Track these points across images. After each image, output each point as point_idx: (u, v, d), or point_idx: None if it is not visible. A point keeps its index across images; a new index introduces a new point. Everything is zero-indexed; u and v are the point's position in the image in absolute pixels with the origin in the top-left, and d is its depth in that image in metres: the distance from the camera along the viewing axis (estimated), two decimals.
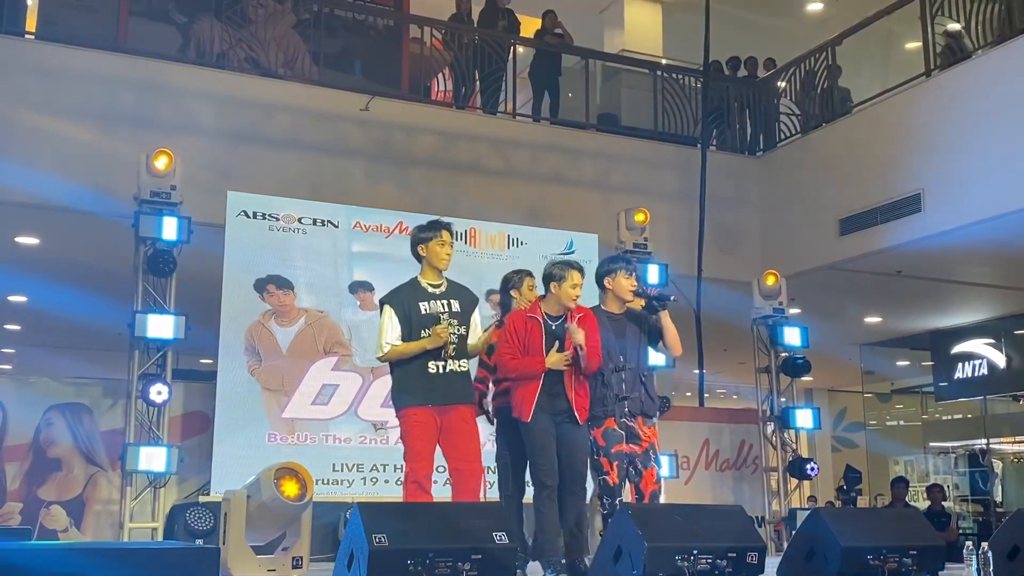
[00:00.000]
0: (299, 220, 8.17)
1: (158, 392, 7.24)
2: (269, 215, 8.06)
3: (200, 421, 8.12)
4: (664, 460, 8.95)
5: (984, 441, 14.17)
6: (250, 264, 7.94)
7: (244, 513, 3.76)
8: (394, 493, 7.89)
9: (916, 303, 11.84)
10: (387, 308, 5.22)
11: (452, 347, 5.07)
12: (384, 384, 8.15)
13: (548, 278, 5.42)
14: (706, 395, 10.66)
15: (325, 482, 7.75)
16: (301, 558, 3.99)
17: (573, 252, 9.08)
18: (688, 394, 14.06)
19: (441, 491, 8.10)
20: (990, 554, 4.84)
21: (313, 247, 8.20)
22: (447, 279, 5.41)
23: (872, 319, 12.75)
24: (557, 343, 5.17)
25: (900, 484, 11.58)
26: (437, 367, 5.05)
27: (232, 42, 9.14)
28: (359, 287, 8.28)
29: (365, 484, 7.97)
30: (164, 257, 7.37)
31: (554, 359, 5.12)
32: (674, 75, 11.24)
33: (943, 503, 11.40)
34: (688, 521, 4.49)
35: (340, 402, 8.03)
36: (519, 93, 10.40)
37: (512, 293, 5.93)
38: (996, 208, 8.40)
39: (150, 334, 7.28)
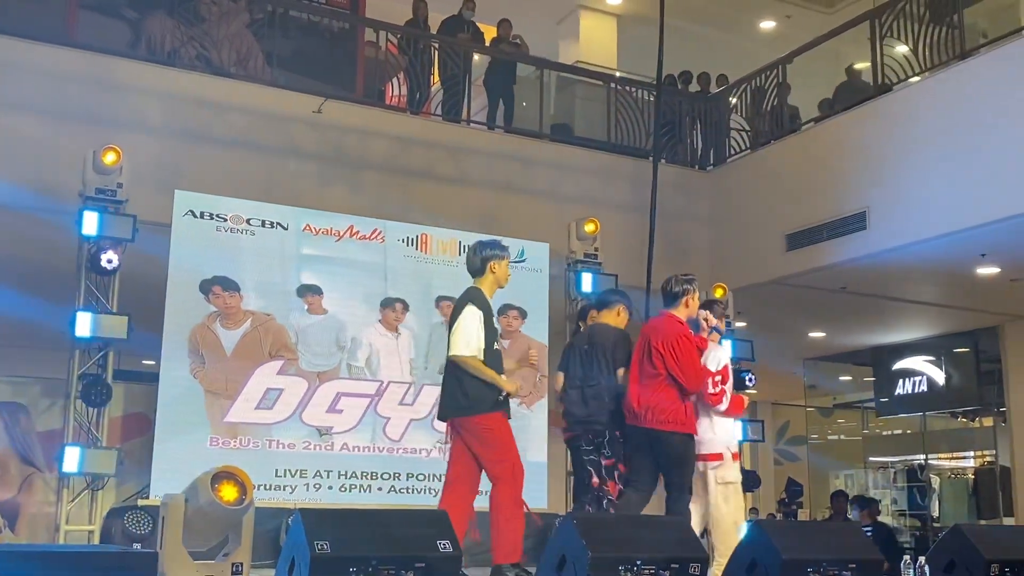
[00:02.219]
0: (247, 221, 8.08)
1: (98, 393, 7.10)
2: (217, 215, 7.96)
3: (141, 423, 7.99)
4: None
5: (923, 457, 14.42)
6: (196, 265, 7.83)
7: (182, 517, 3.70)
8: (337, 499, 7.85)
9: (859, 319, 12.03)
10: (476, 312, 5.29)
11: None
12: (330, 389, 8.11)
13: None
14: None
15: (267, 488, 7.66)
16: (241, 564, 3.93)
17: (524, 260, 9.10)
18: None
19: (384, 498, 8.07)
20: (927, 568, 4.93)
21: (261, 249, 8.11)
22: None
23: (816, 334, 12.93)
24: None
25: (840, 498, 11.73)
26: None
27: (184, 39, 9.03)
28: (307, 290, 8.21)
29: (308, 490, 7.88)
30: (108, 256, 7.24)
31: None
32: (627, 87, 11.32)
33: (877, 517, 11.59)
34: (632, 531, 4.51)
35: (285, 407, 7.94)
36: (474, 100, 10.39)
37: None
38: (939, 228, 8.56)
39: (91, 333, 7.14)
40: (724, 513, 5.82)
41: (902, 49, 9.45)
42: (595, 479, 5.85)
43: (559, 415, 6.49)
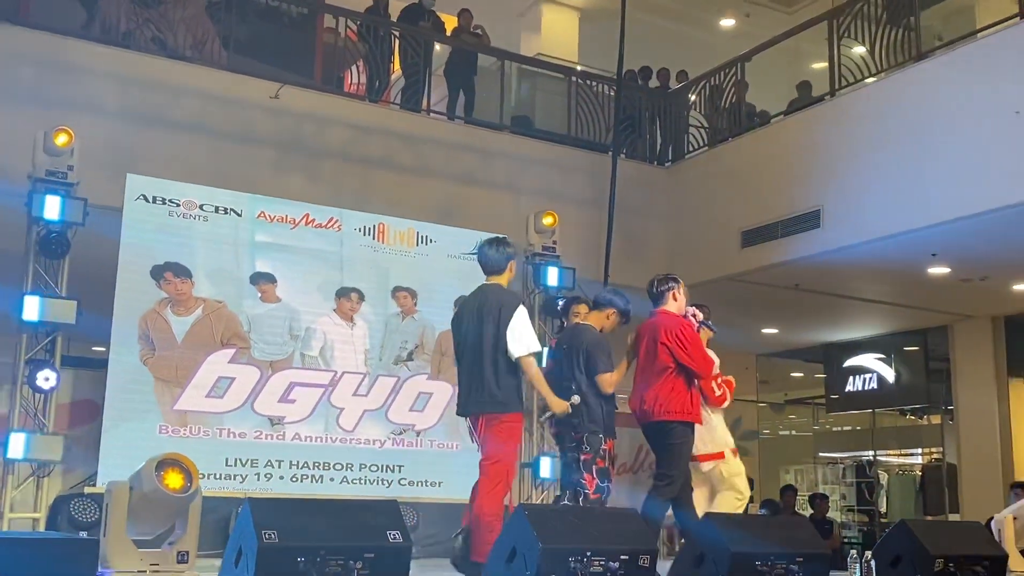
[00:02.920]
0: (200, 207, 7.98)
1: (45, 378, 6.99)
2: (169, 200, 7.85)
3: (89, 410, 7.85)
4: (548, 462, 9.01)
5: (871, 453, 14.63)
6: (147, 250, 7.73)
7: (126, 505, 3.64)
8: (289, 490, 7.79)
9: (812, 316, 12.15)
10: (525, 312, 5.32)
11: None
12: (283, 378, 8.04)
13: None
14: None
15: (217, 476, 7.59)
16: (187, 552, 3.88)
17: None
18: None
19: (337, 488, 8.03)
20: (873, 562, 5.00)
21: (214, 235, 8.01)
22: None
23: (769, 330, 13.05)
24: None
25: (789, 492, 11.87)
26: None
27: (139, 21, 8.88)
28: (261, 278, 8.12)
29: (259, 480, 7.82)
30: (57, 239, 7.13)
31: None
32: (588, 82, 11.33)
33: (826, 512, 11.75)
34: (583, 523, 4.52)
35: (236, 395, 7.87)
36: (434, 90, 10.34)
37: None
38: (891, 227, 8.67)
39: (39, 318, 7.01)
40: (731, 505, 6.14)
41: (859, 50, 9.55)
42: (574, 474, 5.90)
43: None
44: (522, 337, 5.18)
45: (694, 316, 6.23)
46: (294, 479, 7.95)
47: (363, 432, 8.29)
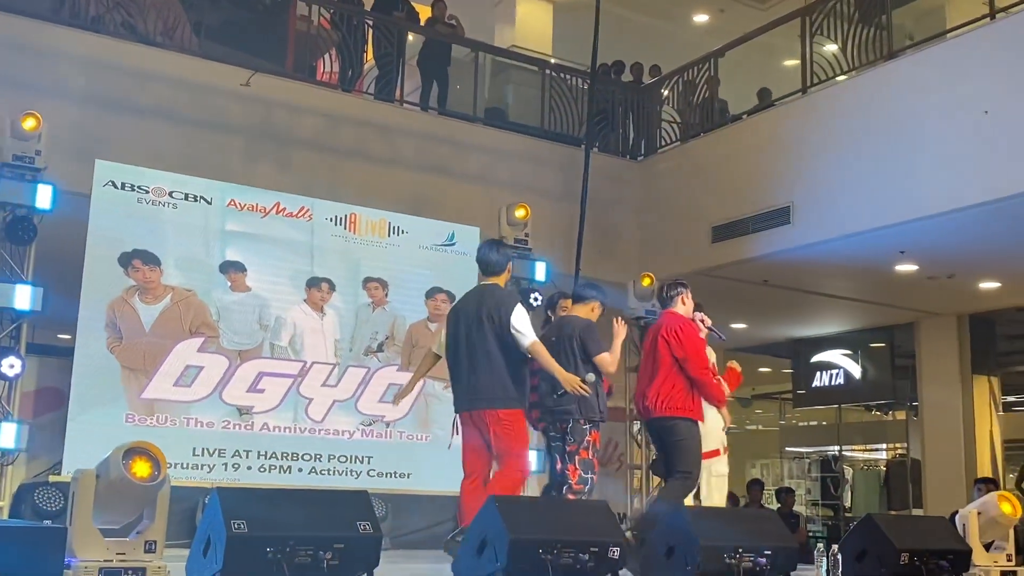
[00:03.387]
0: (170, 194, 7.89)
1: (10, 365, 6.88)
2: (138, 187, 7.76)
3: (54, 397, 7.77)
4: (535, 456, 9.03)
5: (837, 448, 14.78)
6: (116, 237, 7.63)
7: (92, 493, 3.60)
8: (257, 480, 7.74)
9: (780, 312, 12.25)
10: (523, 309, 5.54)
11: None
12: (252, 368, 7.98)
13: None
14: None
15: (184, 466, 7.53)
16: (155, 542, 3.84)
17: (454, 244, 9.06)
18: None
19: (305, 479, 7.99)
20: (839, 556, 5.04)
21: (183, 223, 7.93)
22: None
23: (738, 325, 13.12)
24: None
25: (756, 486, 11.97)
26: None
27: (109, 5, 8.76)
28: (230, 267, 8.05)
29: (227, 470, 7.76)
30: (24, 224, 7.02)
31: None
32: (562, 75, 11.33)
33: (792, 506, 11.86)
34: (553, 514, 4.53)
35: (204, 385, 7.79)
36: (407, 80, 10.30)
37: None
38: (860, 225, 8.75)
39: (4, 304, 6.91)
40: (715, 502, 6.26)
41: (831, 48, 9.62)
42: (559, 465, 5.93)
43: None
44: (522, 333, 5.40)
45: (702, 322, 6.38)
46: (262, 469, 7.90)
47: (332, 423, 8.25)
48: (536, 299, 8.77)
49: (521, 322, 5.43)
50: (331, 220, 8.53)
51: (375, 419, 8.44)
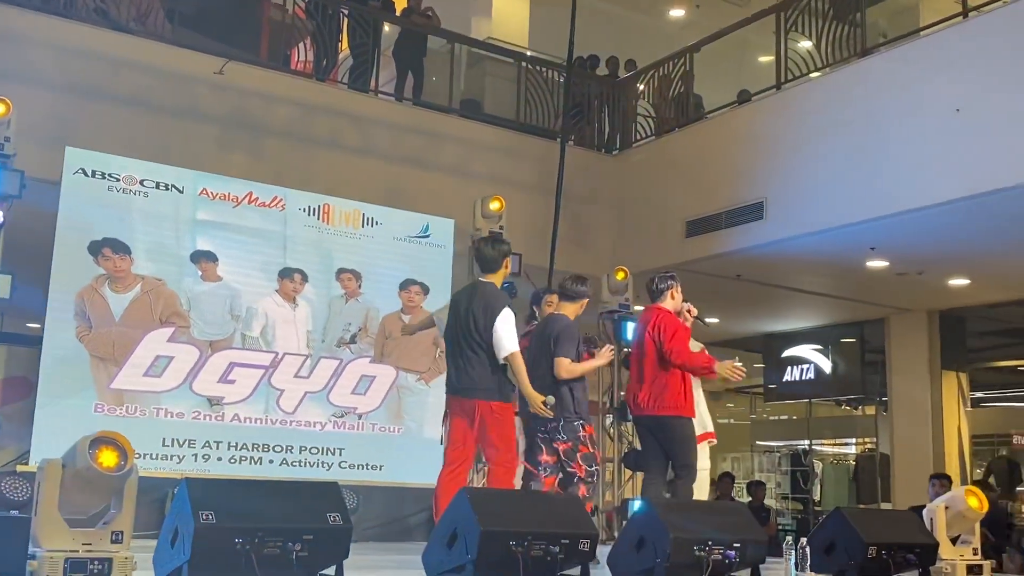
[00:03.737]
0: (141, 182, 7.82)
1: None
2: (109, 175, 7.68)
3: (22, 386, 7.69)
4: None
5: (807, 442, 14.89)
6: (86, 225, 7.56)
7: (58, 482, 3.55)
8: (227, 471, 7.69)
9: (752, 307, 12.31)
10: (510, 315, 5.60)
11: None
12: (223, 358, 7.93)
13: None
14: None
15: (153, 457, 7.48)
16: (122, 533, 3.79)
17: (428, 236, 9.04)
18: None
19: (276, 471, 7.96)
20: (808, 549, 5.07)
21: (154, 211, 7.86)
22: None
23: (710, 319, 13.15)
24: None
25: (726, 479, 12.04)
26: None
27: None
28: (201, 256, 7.99)
29: (196, 461, 7.71)
30: None
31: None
32: (538, 67, 11.32)
33: (762, 499, 11.95)
34: (524, 507, 4.52)
35: (174, 375, 7.74)
36: (382, 71, 10.25)
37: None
38: (831, 221, 8.81)
39: None
40: (698, 496, 6.22)
41: (806, 44, 9.67)
42: (544, 456, 5.98)
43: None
44: (502, 340, 5.48)
45: (689, 312, 6.43)
46: (232, 460, 7.86)
47: (304, 414, 8.22)
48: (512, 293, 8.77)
49: (505, 328, 5.49)
50: (304, 210, 8.49)
51: (347, 411, 8.42)
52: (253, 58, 9.41)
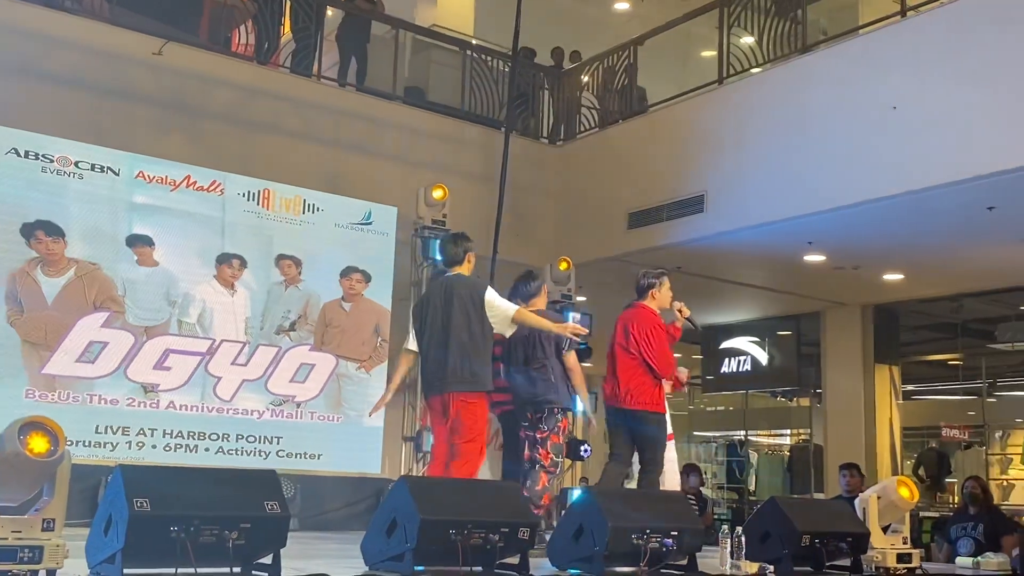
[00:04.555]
0: (76, 164, 7.63)
1: None
2: (43, 155, 7.48)
3: None
4: None
5: (743, 433, 15.10)
6: (17, 207, 7.36)
7: None
8: (162, 459, 7.58)
9: (692, 299, 12.18)
10: (493, 290, 5.79)
11: None
12: (158, 345, 7.79)
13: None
14: None
15: (86, 444, 7.33)
16: (53, 520, 3.71)
17: (371, 223, 8.98)
18: None
19: (212, 459, 7.85)
20: (743, 538, 5.15)
21: (89, 194, 7.68)
22: None
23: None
24: None
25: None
26: None
27: None
28: (138, 241, 7.84)
29: (131, 448, 7.58)
30: None
31: None
32: (483, 56, 11.28)
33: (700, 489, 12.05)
34: (464, 495, 4.52)
35: (108, 361, 7.59)
36: (325, 56, 10.12)
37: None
38: (770, 214, 8.92)
39: None
40: (667, 486, 6.38)
41: (748, 40, 9.77)
42: (527, 452, 6.08)
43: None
44: (501, 308, 5.67)
45: (680, 312, 6.53)
46: (167, 448, 7.74)
47: (241, 402, 8.12)
48: None
49: (498, 299, 5.68)
50: (243, 195, 8.37)
51: (285, 399, 8.33)
52: (193, 39, 9.24)
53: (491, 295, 5.70)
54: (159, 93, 8.70)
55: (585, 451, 9.85)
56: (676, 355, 6.50)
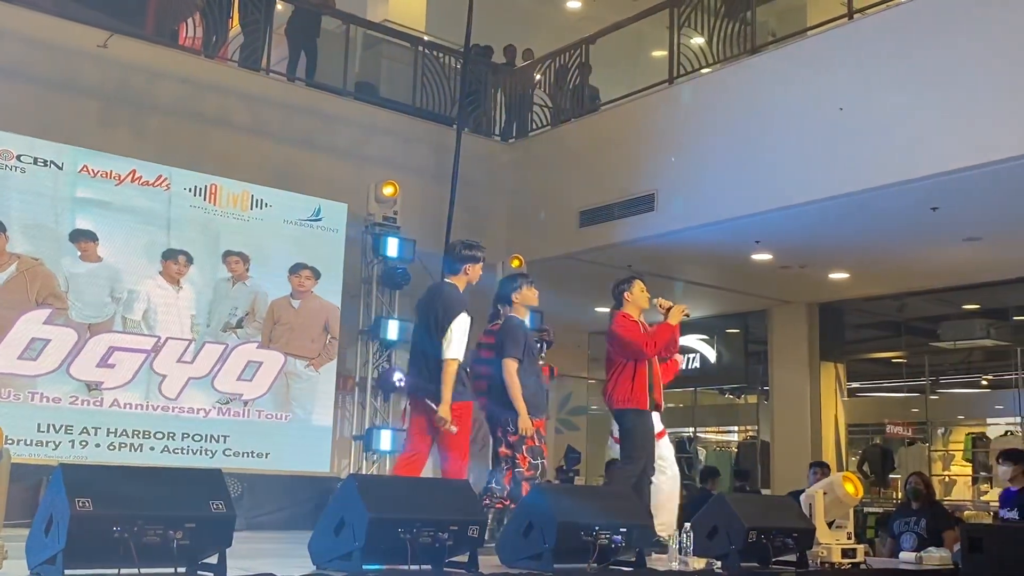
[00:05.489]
0: (18, 157, 7.48)
1: None
2: None
3: None
4: (403, 436, 8.97)
5: (691, 429, 15.20)
6: None
7: None
8: (106, 458, 7.45)
9: None
10: (467, 320, 5.67)
11: None
12: (102, 342, 7.66)
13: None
14: None
15: (28, 443, 7.20)
16: None
17: (320, 219, 8.90)
18: None
19: (157, 458, 7.74)
20: (691, 533, 5.19)
21: (31, 188, 7.53)
22: None
23: (601, 309, 13.27)
24: None
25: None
26: None
27: None
28: (81, 236, 7.70)
29: (74, 447, 7.45)
30: None
31: None
32: (435, 52, 11.24)
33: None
34: (412, 494, 4.50)
35: (51, 358, 7.45)
36: (274, 50, 10.01)
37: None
38: (718, 214, 9.00)
39: None
40: (657, 484, 6.24)
41: (698, 40, 9.84)
42: (503, 450, 6.14)
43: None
44: (450, 343, 5.53)
45: (659, 305, 6.50)
46: (111, 447, 7.61)
47: (187, 400, 8.01)
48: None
49: (457, 332, 5.55)
50: (190, 190, 8.26)
51: (232, 397, 8.24)
52: (139, 32, 9.09)
53: (455, 324, 5.56)
54: (104, 86, 8.55)
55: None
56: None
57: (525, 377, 6.08)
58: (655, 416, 6.34)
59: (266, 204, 8.63)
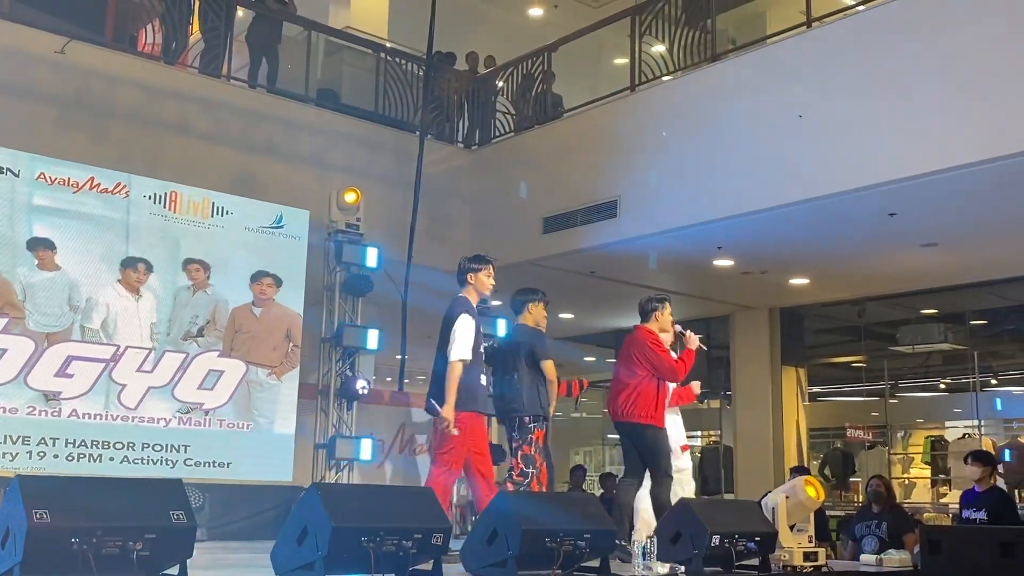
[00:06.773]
0: None
1: None
2: None
3: None
4: (367, 444, 8.96)
5: None
6: None
7: None
8: (64, 469, 7.34)
9: (605, 303, 12.54)
10: (470, 321, 5.88)
11: None
12: (60, 351, 7.55)
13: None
14: (406, 380, 10.73)
15: None
16: None
17: (282, 227, 8.85)
18: (388, 379, 14.12)
19: (117, 468, 7.63)
20: (655, 539, 5.21)
21: None
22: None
23: (565, 315, 13.37)
24: None
25: (578, 472, 12.25)
26: None
27: None
28: (38, 244, 7.58)
29: (31, 458, 7.33)
30: None
31: None
32: (397, 59, 11.22)
33: (615, 491, 12.17)
34: (376, 502, 4.48)
35: (7, 368, 7.32)
36: (235, 56, 9.94)
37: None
38: (680, 220, 9.06)
39: None
40: (681, 494, 6.45)
41: (659, 48, 9.91)
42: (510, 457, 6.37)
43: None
44: (452, 344, 5.75)
45: (682, 335, 6.76)
46: (70, 458, 7.50)
47: (147, 410, 7.91)
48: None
49: (459, 332, 5.74)
50: (149, 198, 8.17)
51: (193, 407, 8.15)
52: (97, 38, 8.98)
53: (458, 324, 5.77)
54: (62, 92, 8.44)
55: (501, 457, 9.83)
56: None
57: (524, 384, 6.34)
58: (681, 431, 6.72)
59: (227, 211, 8.56)
